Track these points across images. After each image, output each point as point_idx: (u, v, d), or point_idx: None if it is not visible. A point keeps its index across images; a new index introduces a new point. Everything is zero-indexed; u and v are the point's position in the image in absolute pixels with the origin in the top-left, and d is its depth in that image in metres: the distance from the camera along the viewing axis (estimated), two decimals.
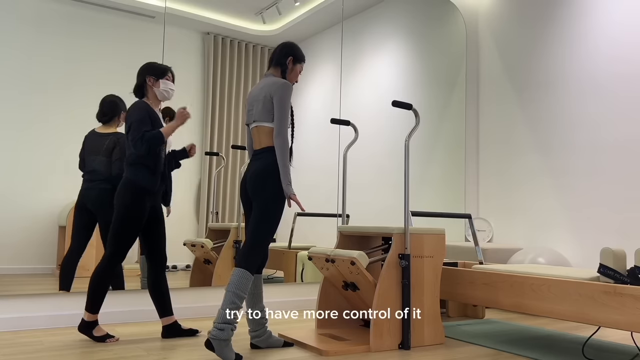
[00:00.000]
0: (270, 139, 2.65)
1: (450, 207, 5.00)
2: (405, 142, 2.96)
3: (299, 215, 4.33)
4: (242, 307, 2.46)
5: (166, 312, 2.98)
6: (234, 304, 2.41)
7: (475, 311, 3.90)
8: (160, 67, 2.98)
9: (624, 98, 4.06)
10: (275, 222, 2.57)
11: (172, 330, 2.98)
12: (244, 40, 4.24)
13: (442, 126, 5.19)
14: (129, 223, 2.82)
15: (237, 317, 2.43)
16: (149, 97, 2.97)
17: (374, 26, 4.90)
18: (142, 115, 2.85)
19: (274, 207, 2.57)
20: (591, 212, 4.20)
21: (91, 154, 3.39)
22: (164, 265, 3.01)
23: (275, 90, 2.63)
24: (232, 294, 2.41)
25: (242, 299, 2.44)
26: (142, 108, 2.88)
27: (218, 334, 2.36)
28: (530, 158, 4.72)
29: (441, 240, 3.01)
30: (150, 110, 2.91)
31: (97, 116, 3.44)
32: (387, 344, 2.78)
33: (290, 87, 2.66)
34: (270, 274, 4.35)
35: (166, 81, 2.97)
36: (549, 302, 2.70)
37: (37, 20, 3.37)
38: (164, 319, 2.98)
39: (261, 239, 2.53)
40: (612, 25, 4.18)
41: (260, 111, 2.66)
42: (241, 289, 2.43)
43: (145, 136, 2.80)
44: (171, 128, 2.90)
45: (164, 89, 2.96)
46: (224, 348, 2.38)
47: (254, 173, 2.62)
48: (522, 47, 4.89)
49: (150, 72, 2.96)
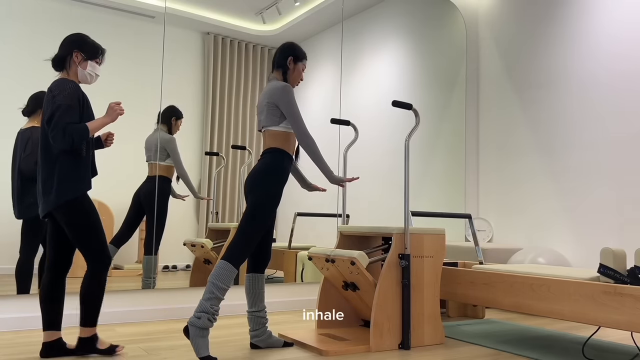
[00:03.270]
0: (274, 141, 2.70)
1: (450, 207, 5.00)
2: (405, 142, 2.96)
3: (299, 215, 4.33)
4: (223, 299, 2.44)
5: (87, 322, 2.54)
6: (213, 294, 2.42)
7: (475, 311, 3.90)
8: (94, 46, 2.58)
9: (625, 97, 4.05)
10: (264, 220, 2.58)
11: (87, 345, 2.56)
12: (244, 40, 4.25)
13: (442, 126, 5.19)
14: None
15: (216, 308, 2.42)
16: (69, 73, 2.54)
17: (374, 26, 4.90)
18: (69, 100, 2.42)
19: (265, 206, 2.59)
20: (591, 212, 4.20)
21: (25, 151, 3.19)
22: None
23: (277, 98, 2.68)
24: (211, 285, 2.43)
25: (223, 291, 2.44)
26: (70, 91, 2.45)
27: (194, 321, 2.37)
28: (531, 158, 4.72)
29: (441, 240, 3.01)
30: (80, 91, 2.50)
31: (23, 111, 3.23)
32: (387, 344, 2.77)
33: (290, 88, 2.70)
34: (270, 274, 4.35)
35: (95, 64, 2.57)
36: (549, 302, 2.70)
37: (36, 20, 3.37)
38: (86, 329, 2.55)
39: (247, 235, 2.54)
40: (613, 23, 4.17)
41: (266, 117, 2.73)
42: (222, 281, 2.44)
43: (68, 129, 2.38)
44: (100, 123, 2.49)
45: (89, 71, 2.55)
46: (199, 337, 2.37)
47: (254, 171, 2.67)
48: (522, 47, 4.89)
49: (80, 47, 2.53)
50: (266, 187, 2.60)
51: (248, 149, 4.24)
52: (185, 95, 3.95)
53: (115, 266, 3.68)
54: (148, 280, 3.63)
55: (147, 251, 3.63)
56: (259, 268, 2.77)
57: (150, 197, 3.65)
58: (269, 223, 2.64)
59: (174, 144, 3.82)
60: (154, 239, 3.65)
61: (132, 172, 3.68)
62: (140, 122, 3.70)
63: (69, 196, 2.43)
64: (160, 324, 3.40)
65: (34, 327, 3.14)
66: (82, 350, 2.51)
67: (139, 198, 3.66)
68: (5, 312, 3.09)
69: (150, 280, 3.63)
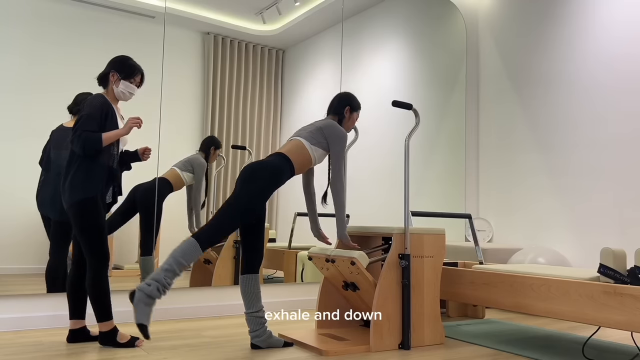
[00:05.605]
0: (293, 151, 2.80)
1: (450, 207, 5.00)
2: (405, 142, 2.96)
3: (299, 215, 4.33)
4: (180, 276, 2.41)
5: (79, 315, 2.82)
6: (171, 267, 2.39)
7: (475, 311, 3.90)
8: (131, 67, 2.82)
9: (625, 96, 4.05)
10: (242, 213, 2.55)
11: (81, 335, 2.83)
12: (244, 40, 4.24)
13: (442, 126, 5.19)
14: None
15: (170, 281, 2.38)
16: (108, 90, 2.81)
17: (374, 26, 4.90)
18: (93, 111, 2.66)
19: (250, 199, 2.58)
20: (591, 212, 4.20)
21: (56, 149, 3.24)
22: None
23: (333, 135, 2.86)
24: (172, 258, 2.41)
25: (182, 267, 2.41)
26: (96, 103, 2.70)
27: (143, 287, 2.35)
28: (531, 158, 4.72)
29: (441, 240, 3.01)
30: (106, 105, 2.73)
31: (68, 108, 3.32)
32: (387, 344, 2.78)
33: (346, 137, 2.92)
34: (270, 274, 4.35)
35: (129, 84, 2.80)
36: (549, 302, 2.70)
37: (36, 20, 3.37)
38: (75, 322, 2.82)
39: (222, 221, 2.53)
40: (613, 23, 4.17)
41: (307, 133, 2.87)
42: (185, 258, 2.42)
43: (82, 136, 2.61)
44: (114, 134, 2.71)
45: (122, 90, 2.79)
46: (142, 304, 2.34)
47: (255, 163, 2.70)
48: (522, 47, 4.89)
49: (117, 68, 2.79)
50: (259, 182, 2.61)
51: (248, 149, 4.24)
52: (185, 95, 3.95)
53: (115, 266, 3.68)
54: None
55: (143, 252, 3.63)
56: (253, 268, 2.76)
57: (146, 196, 3.64)
58: (249, 219, 2.60)
59: (203, 170, 3.94)
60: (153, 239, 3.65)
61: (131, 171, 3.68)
62: None
63: (78, 197, 2.64)
64: (160, 324, 3.40)
65: (34, 327, 3.14)
66: (103, 342, 2.73)
67: (134, 194, 3.64)
68: (5, 312, 3.08)
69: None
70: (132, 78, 2.82)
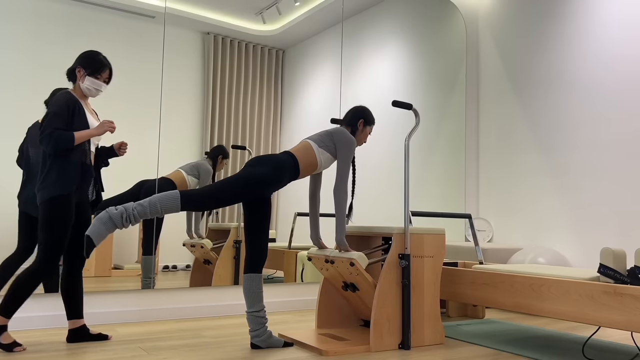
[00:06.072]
0: (302, 153, 2.82)
1: (450, 207, 5.00)
2: (405, 142, 2.96)
3: (299, 215, 4.33)
4: (149, 217, 2.39)
5: (77, 314, 2.84)
6: (144, 205, 2.38)
7: (475, 311, 3.90)
8: (98, 63, 2.76)
9: (625, 96, 4.05)
10: (234, 189, 2.54)
11: (80, 335, 2.84)
12: (244, 40, 4.24)
13: (442, 126, 5.19)
14: None
15: (136, 214, 2.35)
16: (76, 86, 2.77)
17: (374, 26, 4.90)
18: (58, 109, 2.63)
19: (249, 183, 2.58)
20: (591, 212, 4.20)
21: (33, 147, 3.20)
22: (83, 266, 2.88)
23: (342, 141, 2.87)
24: (149, 198, 2.40)
25: (154, 210, 2.38)
26: (62, 100, 2.66)
27: (111, 209, 2.33)
28: (531, 158, 4.72)
29: (441, 240, 3.01)
30: (72, 101, 2.69)
31: (45, 103, 3.28)
32: (387, 344, 2.78)
33: (354, 145, 2.91)
34: (270, 274, 4.35)
35: (95, 80, 2.75)
36: (549, 302, 2.70)
37: (36, 20, 3.37)
38: (74, 322, 2.84)
39: (212, 188, 2.52)
40: (613, 23, 4.17)
41: (318, 137, 2.90)
42: (160, 203, 2.40)
43: (53, 134, 2.59)
44: (86, 134, 2.69)
45: (87, 86, 2.75)
46: (102, 223, 2.31)
47: (266, 155, 2.75)
48: (522, 47, 4.89)
49: (84, 64, 2.75)
50: (262, 168, 2.64)
51: (248, 149, 4.24)
52: (185, 95, 3.95)
53: (115, 266, 3.68)
54: (147, 280, 3.63)
55: (145, 251, 3.63)
56: (256, 268, 2.77)
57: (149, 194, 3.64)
58: (240, 199, 2.57)
59: (209, 177, 3.95)
60: (154, 240, 3.65)
61: (131, 171, 3.68)
62: (140, 122, 3.70)
63: (50, 194, 2.64)
64: (160, 324, 3.40)
65: (34, 327, 3.14)
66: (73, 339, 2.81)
67: (139, 190, 3.64)
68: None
69: (149, 280, 3.63)
70: (99, 74, 2.76)
